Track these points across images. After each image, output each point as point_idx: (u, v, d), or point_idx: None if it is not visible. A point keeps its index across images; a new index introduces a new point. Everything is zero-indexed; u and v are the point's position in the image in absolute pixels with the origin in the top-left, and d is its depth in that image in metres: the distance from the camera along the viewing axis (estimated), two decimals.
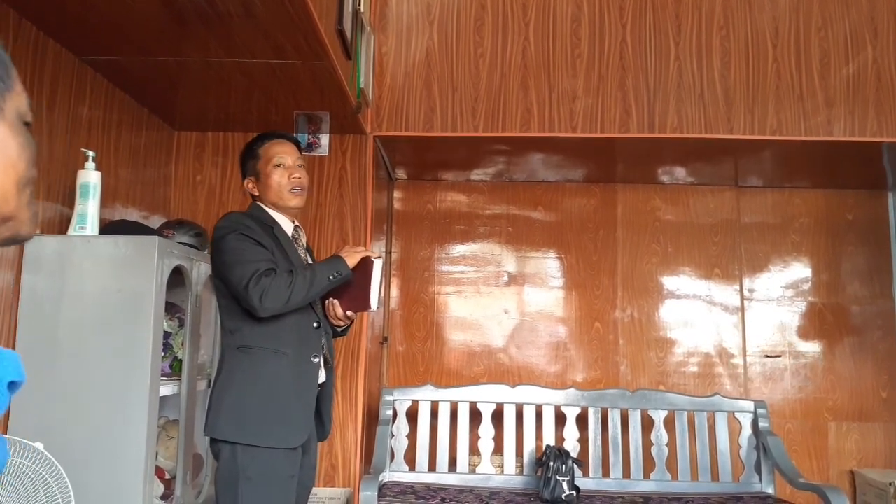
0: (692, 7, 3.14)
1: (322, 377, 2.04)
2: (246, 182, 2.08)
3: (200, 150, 3.16)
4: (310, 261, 2.12)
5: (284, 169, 2.03)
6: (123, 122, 2.65)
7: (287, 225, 2.07)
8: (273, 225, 2.03)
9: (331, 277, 1.91)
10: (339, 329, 2.14)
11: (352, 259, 1.96)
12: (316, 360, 1.98)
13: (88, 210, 2.13)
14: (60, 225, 2.21)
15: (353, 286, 2.01)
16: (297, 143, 2.12)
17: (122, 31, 2.12)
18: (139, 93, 2.68)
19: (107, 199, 2.40)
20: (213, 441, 1.90)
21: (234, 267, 1.86)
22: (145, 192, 2.87)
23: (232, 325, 1.93)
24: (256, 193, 2.06)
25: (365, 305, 1.98)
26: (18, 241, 0.73)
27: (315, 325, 1.99)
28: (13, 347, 1.99)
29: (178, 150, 3.15)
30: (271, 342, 1.90)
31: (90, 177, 2.16)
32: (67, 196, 2.22)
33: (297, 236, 2.10)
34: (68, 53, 2.26)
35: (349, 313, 2.04)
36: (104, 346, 1.99)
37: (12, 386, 0.64)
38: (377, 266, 1.97)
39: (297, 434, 1.90)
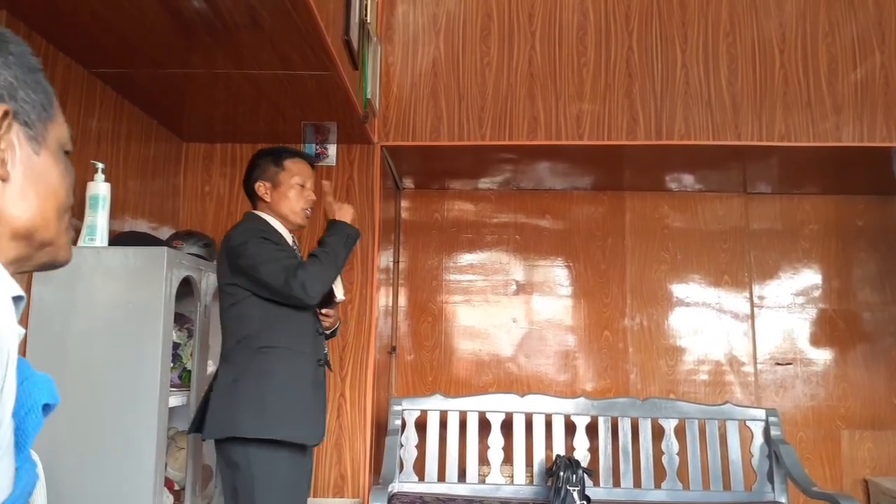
0: (698, 14, 3.14)
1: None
2: (258, 185, 2.09)
3: (209, 161, 3.17)
4: None
5: (303, 190, 2.10)
6: (132, 134, 2.67)
7: (287, 238, 2.13)
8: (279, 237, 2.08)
9: (346, 245, 1.99)
10: (328, 332, 2.18)
11: (346, 215, 2.06)
12: (321, 364, 2.03)
13: (98, 222, 2.15)
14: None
15: None
16: (314, 169, 2.21)
17: (130, 43, 2.13)
18: (148, 104, 2.70)
19: (116, 210, 2.41)
20: (225, 446, 1.90)
21: (263, 267, 1.90)
22: (154, 204, 2.88)
23: (243, 332, 1.95)
24: (268, 200, 2.08)
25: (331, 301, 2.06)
26: (56, 265, 0.73)
27: (318, 330, 2.05)
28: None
29: (186, 161, 3.16)
30: (289, 343, 1.93)
31: (99, 188, 2.17)
32: (77, 208, 2.23)
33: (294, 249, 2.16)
34: (77, 66, 2.28)
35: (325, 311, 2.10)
36: (113, 357, 1.99)
37: (46, 408, 0.64)
38: None
39: (315, 432, 1.94)
